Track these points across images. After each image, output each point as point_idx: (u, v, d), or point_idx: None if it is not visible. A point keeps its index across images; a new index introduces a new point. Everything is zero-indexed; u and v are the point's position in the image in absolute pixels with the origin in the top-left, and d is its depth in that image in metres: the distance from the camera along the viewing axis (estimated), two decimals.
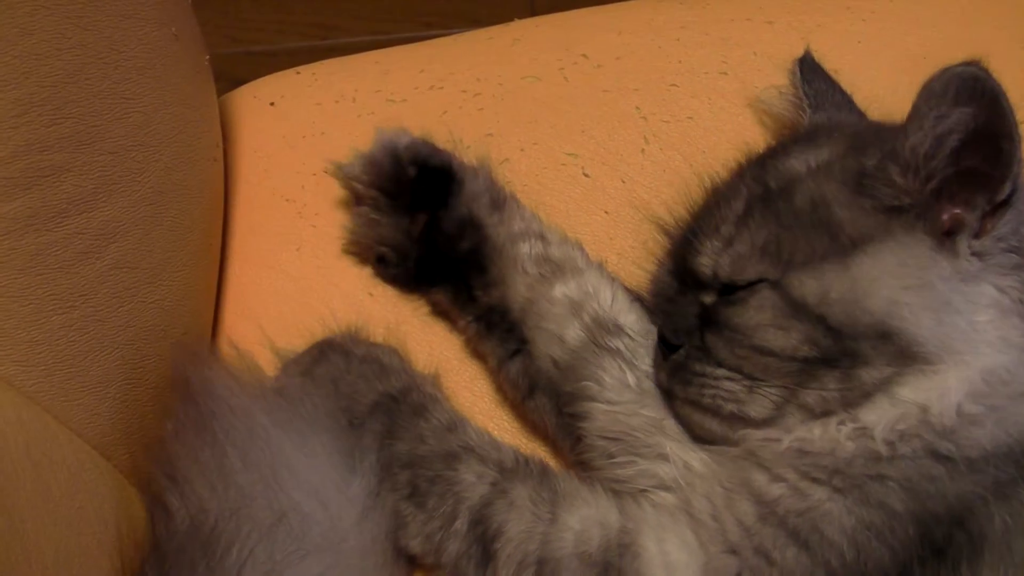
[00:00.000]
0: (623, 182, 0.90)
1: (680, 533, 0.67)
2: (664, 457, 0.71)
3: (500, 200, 0.84)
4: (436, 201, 0.82)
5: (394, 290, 0.86)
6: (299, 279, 0.88)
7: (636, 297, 0.81)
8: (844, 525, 0.64)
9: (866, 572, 0.63)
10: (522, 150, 0.92)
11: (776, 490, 0.66)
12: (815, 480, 0.65)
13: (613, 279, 0.82)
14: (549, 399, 0.78)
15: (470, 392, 0.85)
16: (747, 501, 0.66)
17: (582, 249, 0.84)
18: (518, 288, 0.80)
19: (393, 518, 0.73)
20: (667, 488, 0.70)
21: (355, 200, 0.85)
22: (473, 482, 0.71)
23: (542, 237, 0.83)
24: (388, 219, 0.83)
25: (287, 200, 0.91)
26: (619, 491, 0.73)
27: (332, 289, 0.86)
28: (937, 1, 1.01)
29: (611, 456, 0.74)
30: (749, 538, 0.65)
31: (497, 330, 0.81)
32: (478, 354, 0.85)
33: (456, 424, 0.76)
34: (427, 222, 0.83)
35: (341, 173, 0.86)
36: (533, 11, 1.19)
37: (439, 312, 0.86)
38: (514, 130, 0.93)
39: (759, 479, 0.67)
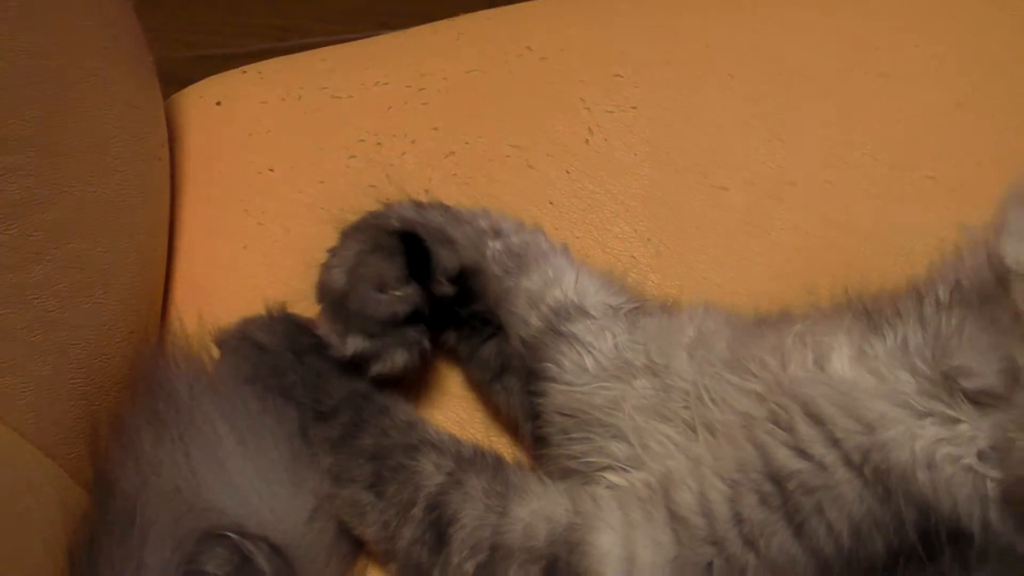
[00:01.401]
0: (568, 172, 0.91)
1: (652, 532, 0.66)
2: (620, 437, 0.72)
3: (439, 231, 0.83)
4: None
5: None
6: (247, 276, 0.88)
7: (604, 275, 0.82)
8: (852, 512, 0.63)
9: (856, 562, 0.63)
10: (467, 143, 0.92)
11: (797, 464, 0.65)
12: (849, 463, 0.64)
13: (576, 261, 0.83)
14: (518, 379, 0.79)
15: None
16: (753, 487, 0.66)
17: (542, 232, 0.84)
18: (492, 290, 0.81)
19: (350, 509, 0.73)
20: (624, 469, 0.71)
21: None
22: (431, 472, 0.72)
23: (497, 232, 0.83)
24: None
25: (234, 199, 0.91)
26: (575, 472, 0.74)
27: (281, 286, 0.86)
28: None
29: (566, 432, 0.75)
30: (739, 527, 0.65)
31: (476, 329, 0.83)
32: (454, 355, 0.86)
33: (417, 422, 0.77)
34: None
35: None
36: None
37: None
38: (459, 124, 0.93)
39: (782, 453, 0.66)
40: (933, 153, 0.90)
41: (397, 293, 0.78)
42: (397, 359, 0.78)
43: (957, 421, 0.65)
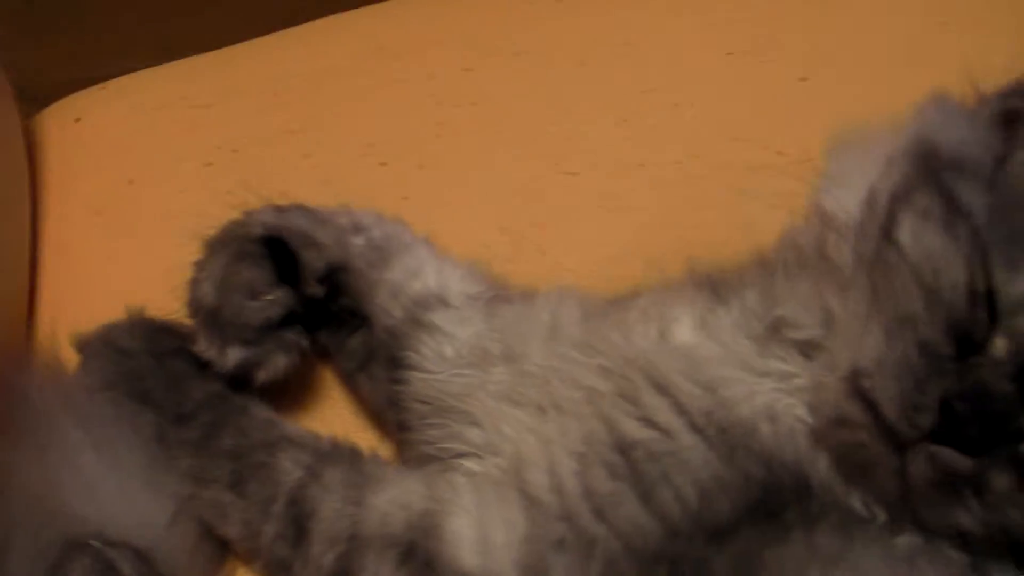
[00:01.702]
0: (420, 167, 0.93)
1: (505, 512, 0.68)
2: (475, 423, 0.73)
3: (302, 234, 0.84)
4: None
5: None
6: (111, 288, 0.89)
7: (466, 265, 0.84)
8: (698, 477, 0.65)
9: (703, 524, 0.64)
10: (322, 144, 0.94)
11: (642, 433, 0.67)
12: (694, 427, 0.66)
13: (438, 252, 0.84)
14: (382, 369, 0.81)
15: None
16: (601, 460, 0.67)
17: (404, 225, 0.86)
18: (357, 284, 0.82)
19: (213, 509, 0.75)
20: (479, 455, 0.73)
21: None
22: (290, 468, 0.73)
23: (358, 228, 0.85)
24: None
25: (96, 213, 0.93)
26: (433, 459, 0.75)
27: (144, 296, 0.87)
28: None
29: (424, 418, 0.76)
30: (589, 500, 0.66)
31: (345, 322, 0.84)
32: (323, 348, 0.86)
33: (274, 419, 0.78)
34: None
35: None
36: None
37: None
38: (314, 125, 0.95)
39: (627, 424, 0.68)
40: (780, 126, 0.92)
41: (268, 298, 0.79)
42: (279, 363, 0.79)
43: (793, 375, 0.68)
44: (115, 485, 0.75)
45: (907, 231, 0.65)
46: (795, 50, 1.00)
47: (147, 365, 0.80)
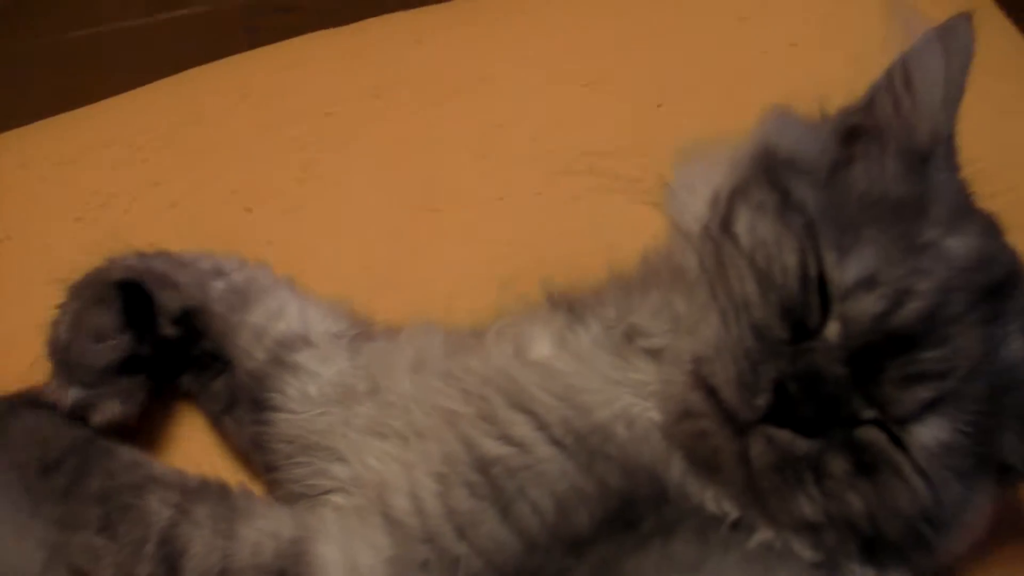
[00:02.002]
0: (284, 212, 0.94)
1: (369, 536, 0.69)
2: (341, 458, 0.75)
3: (163, 277, 0.85)
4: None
5: None
6: None
7: (329, 304, 0.85)
8: (555, 489, 0.67)
9: (561, 535, 0.66)
10: (187, 194, 0.95)
11: (501, 450, 0.69)
12: (552, 439, 0.68)
13: (300, 293, 0.86)
14: (247, 411, 0.82)
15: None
16: (462, 480, 0.69)
17: (266, 268, 0.87)
18: (216, 327, 0.83)
19: (85, 554, 0.75)
20: (346, 490, 0.74)
21: None
22: (158, 507, 0.74)
23: (219, 272, 0.86)
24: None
25: None
26: (302, 496, 0.76)
27: (19, 353, 0.87)
28: (580, 5, 1.06)
29: (290, 457, 0.77)
30: (451, 520, 0.68)
31: (207, 365, 0.85)
32: (188, 391, 0.87)
33: (141, 461, 0.78)
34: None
35: None
36: None
37: None
38: (179, 176, 0.96)
39: (486, 443, 0.69)
40: (639, 153, 0.95)
41: (112, 342, 0.80)
42: (114, 408, 0.80)
43: (647, 383, 0.70)
44: None
45: (743, 223, 0.68)
46: (651, 78, 1.03)
47: (5, 419, 0.80)
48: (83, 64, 1.57)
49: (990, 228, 0.72)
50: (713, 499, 0.67)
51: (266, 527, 0.72)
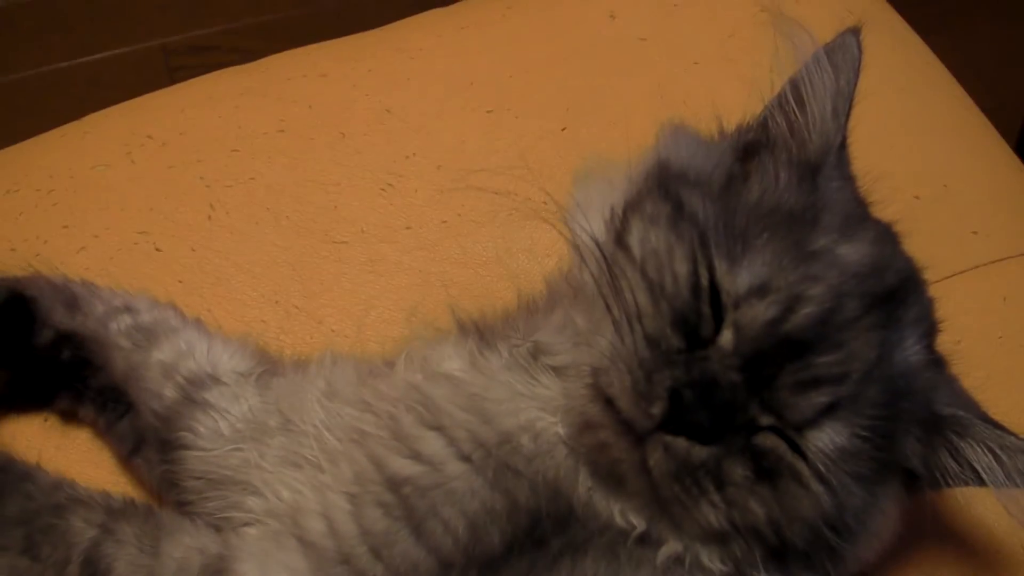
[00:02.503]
0: (193, 250, 0.95)
1: (285, 559, 0.70)
2: (255, 492, 0.75)
3: (72, 297, 0.87)
4: (22, 330, 0.85)
5: None
6: None
7: (237, 342, 0.86)
8: (466, 508, 0.68)
9: (473, 555, 0.67)
10: (96, 236, 0.96)
11: (411, 469, 0.70)
12: (461, 455, 0.69)
13: (209, 332, 0.86)
14: (155, 451, 0.82)
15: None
16: (374, 500, 0.69)
17: (175, 309, 0.88)
18: (117, 363, 0.84)
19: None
20: (262, 521, 0.74)
21: None
22: (82, 527, 0.75)
23: (129, 309, 0.86)
24: None
25: None
26: (219, 530, 0.76)
27: None
28: (475, 30, 1.08)
29: (201, 492, 0.78)
30: (365, 540, 0.68)
31: (110, 403, 0.85)
32: (95, 429, 0.88)
33: (62, 483, 0.79)
34: (22, 351, 0.85)
35: None
36: None
37: (63, 416, 0.89)
38: (87, 218, 0.96)
39: (397, 462, 0.70)
40: (545, 176, 0.96)
41: None
42: None
43: (553, 398, 0.72)
44: None
45: (636, 235, 0.70)
46: (553, 102, 1.04)
47: None
48: (18, 106, 1.58)
49: (885, 236, 0.74)
50: (620, 513, 0.68)
51: (192, 543, 0.73)
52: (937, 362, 0.72)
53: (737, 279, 0.66)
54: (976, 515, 0.85)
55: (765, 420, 0.65)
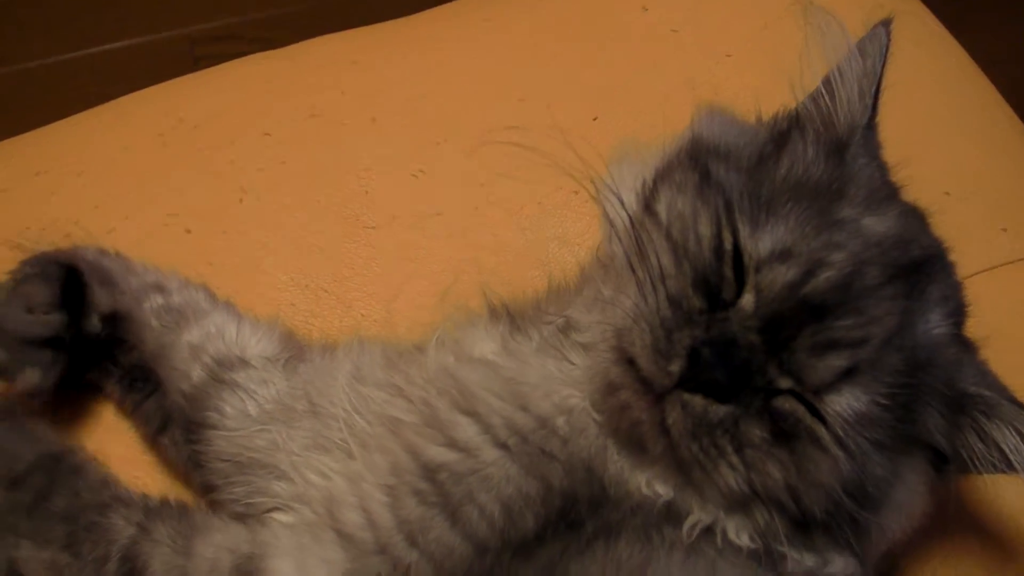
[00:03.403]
0: (224, 233, 0.95)
1: (322, 552, 0.70)
2: (282, 476, 0.75)
3: (106, 275, 0.87)
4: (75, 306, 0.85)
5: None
6: None
7: (266, 326, 0.86)
8: (502, 493, 0.68)
9: (510, 539, 0.67)
10: (127, 217, 0.96)
11: (447, 456, 0.70)
12: (497, 442, 0.69)
13: (239, 315, 0.86)
14: (182, 431, 0.82)
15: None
16: (410, 489, 0.69)
17: (206, 290, 0.88)
18: (148, 343, 0.84)
19: (48, 571, 0.75)
20: (289, 507, 0.75)
21: None
22: (121, 525, 0.75)
23: (160, 288, 0.87)
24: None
25: None
26: (247, 515, 0.77)
27: None
28: (503, 21, 1.07)
29: (227, 476, 0.78)
30: (402, 529, 0.68)
31: (138, 382, 0.86)
32: (121, 408, 0.88)
33: (108, 481, 0.80)
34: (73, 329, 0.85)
35: None
36: None
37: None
38: (118, 199, 0.96)
39: (432, 450, 0.70)
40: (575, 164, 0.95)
41: (44, 316, 0.81)
42: (33, 377, 0.81)
43: (582, 375, 0.72)
44: None
45: (663, 201, 0.70)
46: (586, 91, 1.04)
47: None
48: (31, 96, 1.57)
49: (911, 213, 0.74)
50: (646, 484, 0.68)
51: (223, 542, 0.73)
52: (964, 342, 0.72)
53: (760, 243, 0.67)
54: (1006, 505, 0.85)
55: (784, 383, 0.65)
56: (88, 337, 0.83)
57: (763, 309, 0.65)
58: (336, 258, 0.95)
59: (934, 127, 1.08)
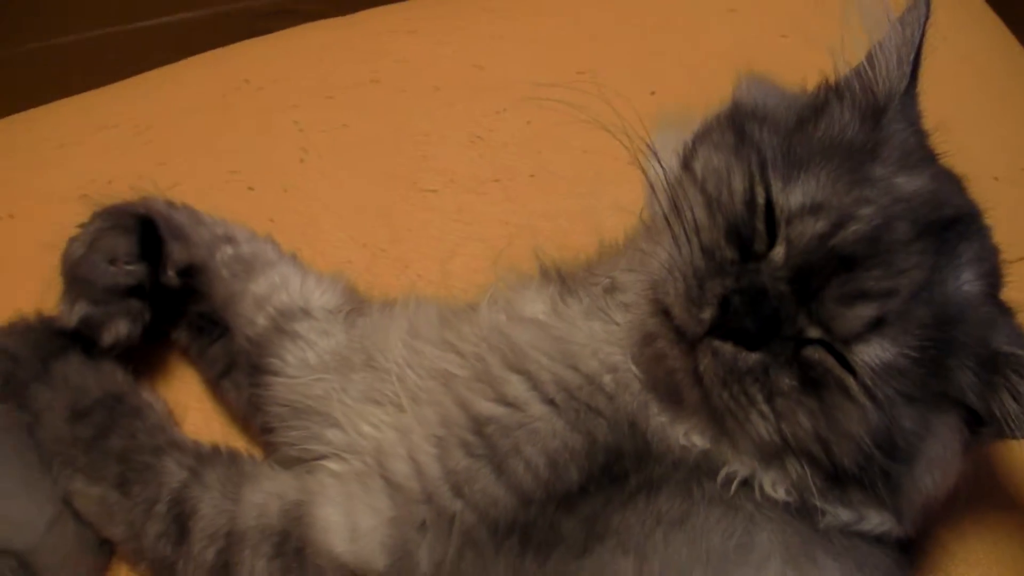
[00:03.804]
0: (285, 191, 0.97)
1: (371, 500, 0.72)
2: (335, 424, 0.77)
3: (177, 229, 0.88)
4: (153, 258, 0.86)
5: None
6: None
7: (330, 279, 0.88)
8: (547, 446, 0.69)
9: (554, 491, 0.69)
10: (190, 174, 0.98)
11: (496, 410, 0.71)
12: (545, 398, 0.71)
13: (304, 268, 0.89)
14: (245, 375, 0.84)
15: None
16: (458, 441, 0.71)
17: (272, 243, 0.90)
18: (218, 292, 0.86)
19: (99, 508, 0.78)
20: (340, 456, 0.76)
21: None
22: (174, 470, 0.77)
23: (230, 239, 0.89)
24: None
25: None
26: (297, 460, 0.79)
27: None
28: None
29: (284, 420, 0.80)
30: (448, 479, 0.70)
31: (205, 328, 0.88)
32: (186, 353, 0.90)
33: (164, 425, 0.82)
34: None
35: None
36: None
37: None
38: (182, 156, 0.98)
39: (482, 404, 0.72)
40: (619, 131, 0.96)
41: (127, 267, 0.83)
42: (121, 328, 0.82)
43: (624, 333, 0.73)
44: None
45: (700, 159, 0.72)
46: (642, 66, 1.05)
47: (32, 368, 0.82)
48: (90, 63, 1.59)
49: (946, 175, 0.74)
50: (684, 435, 0.69)
51: (273, 489, 0.75)
52: (999, 304, 0.72)
53: (791, 196, 0.68)
54: None
55: (813, 332, 0.66)
56: (164, 289, 0.85)
57: (793, 260, 0.66)
58: (393, 219, 0.97)
59: (983, 113, 1.09)
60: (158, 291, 0.84)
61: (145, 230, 0.84)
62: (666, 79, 1.04)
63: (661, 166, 0.73)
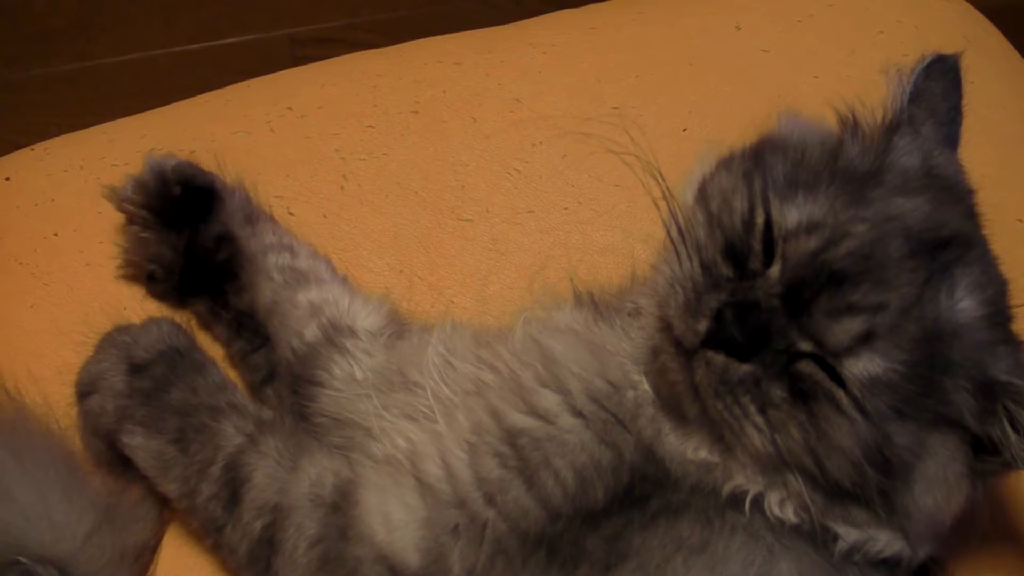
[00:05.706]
0: (325, 217, 0.99)
1: (402, 496, 0.74)
2: (375, 438, 0.80)
3: (254, 216, 0.94)
4: (199, 217, 0.91)
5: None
6: (33, 335, 0.94)
7: (376, 302, 0.91)
8: (576, 460, 0.72)
9: (580, 507, 0.71)
10: None
11: (527, 422, 0.74)
12: (574, 410, 0.74)
13: (353, 290, 0.92)
14: (286, 386, 0.88)
15: None
16: (491, 450, 0.74)
17: (329, 263, 0.94)
18: (264, 292, 0.90)
19: (156, 461, 0.81)
20: (380, 463, 0.78)
21: (127, 220, 0.93)
22: (232, 433, 0.80)
23: (291, 250, 0.93)
24: (155, 236, 0.92)
25: (20, 263, 0.98)
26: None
27: (64, 339, 0.92)
28: (606, 31, 1.12)
29: (328, 429, 0.83)
30: (480, 487, 0.73)
31: (246, 331, 0.92)
32: (228, 354, 0.94)
33: (227, 385, 0.85)
34: (190, 236, 0.92)
35: (114, 195, 0.92)
36: None
37: (201, 325, 0.95)
38: (227, 180, 1.01)
39: (514, 416, 0.75)
40: (665, 172, 0.98)
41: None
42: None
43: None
44: (34, 494, 0.80)
45: (715, 182, 0.75)
46: (675, 104, 1.08)
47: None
48: (134, 85, 1.63)
49: (949, 200, 0.75)
50: (694, 450, 0.72)
51: (328, 464, 0.78)
52: (1004, 334, 0.73)
53: (788, 216, 0.70)
54: None
55: (804, 346, 0.68)
56: (202, 252, 0.90)
57: (787, 275, 0.69)
58: (431, 247, 0.99)
59: (1011, 156, 1.10)
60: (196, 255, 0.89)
61: (201, 194, 0.91)
62: (698, 117, 1.06)
63: (662, 179, 0.76)
